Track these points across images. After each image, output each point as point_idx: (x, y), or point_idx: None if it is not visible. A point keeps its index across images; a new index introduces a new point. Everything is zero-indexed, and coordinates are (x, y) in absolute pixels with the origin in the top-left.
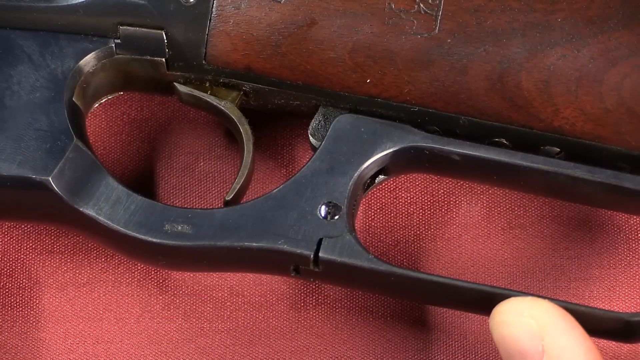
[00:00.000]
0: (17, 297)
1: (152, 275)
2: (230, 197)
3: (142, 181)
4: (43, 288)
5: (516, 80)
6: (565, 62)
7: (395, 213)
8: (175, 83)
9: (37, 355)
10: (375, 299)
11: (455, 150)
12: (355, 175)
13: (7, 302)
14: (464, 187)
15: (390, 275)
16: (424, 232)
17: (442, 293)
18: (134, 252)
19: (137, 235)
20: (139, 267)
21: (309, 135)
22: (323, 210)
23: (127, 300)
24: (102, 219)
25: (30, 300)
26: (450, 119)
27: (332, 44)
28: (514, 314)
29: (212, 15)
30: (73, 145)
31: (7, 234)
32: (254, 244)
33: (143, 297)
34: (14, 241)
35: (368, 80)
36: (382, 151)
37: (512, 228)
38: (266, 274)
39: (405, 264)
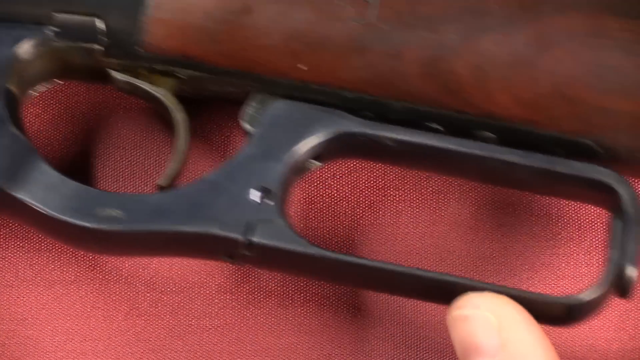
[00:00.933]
0: (4, 295)
1: (140, 273)
2: (164, 182)
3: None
4: (30, 286)
5: (450, 66)
6: (499, 48)
7: (383, 211)
8: (111, 70)
9: (25, 353)
10: (364, 297)
11: (389, 135)
12: (289, 160)
13: None
14: (453, 184)
15: (322, 260)
16: (412, 231)
17: (376, 278)
18: (68, 237)
19: (71, 220)
20: (127, 265)
21: (243, 121)
22: (256, 194)
23: (114, 298)
24: (36, 204)
25: (18, 298)
26: (384, 105)
27: (268, 31)
28: (471, 307)
29: (148, 2)
30: (7, 131)
31: None
32: (186, 229)
33: (131, 295)
34: (0, 240)
35: (303, 67)
36: (316, 137)
37: (500, 226)
38: (201, 259)
39: (396, 260)
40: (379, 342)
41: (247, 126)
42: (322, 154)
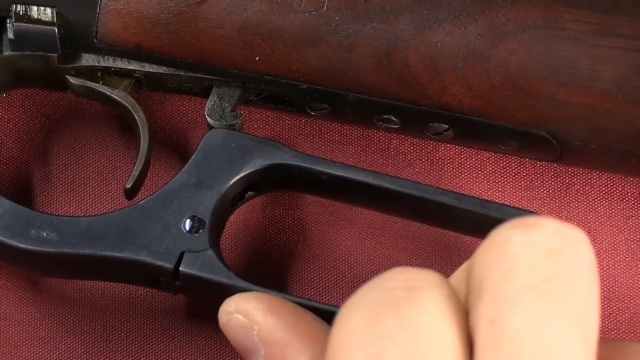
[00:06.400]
0: (18, 297)
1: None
2: (130, 185)
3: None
4: (42, 288)
5: (403, 57)
6: (452, 39)
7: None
8: (67, 76)
9: (38, 354)
10: None
11: (324, 170)
12: (222, 190)
13: None
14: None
15: None
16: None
17: None
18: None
19: (3, 239)
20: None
21: (206, 116)
22: (187, 224)
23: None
24: None
25: (31, 299)
26: (338, 96)
27: (221, 22)
28: (224, 314)
29: None
30: None
31: None
32: (116, 254)
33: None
34: None
35: (257, 58)
36: (251, 168)
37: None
38: (130, 284)
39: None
40: None
41: (210, 120)
42: (256, 185)
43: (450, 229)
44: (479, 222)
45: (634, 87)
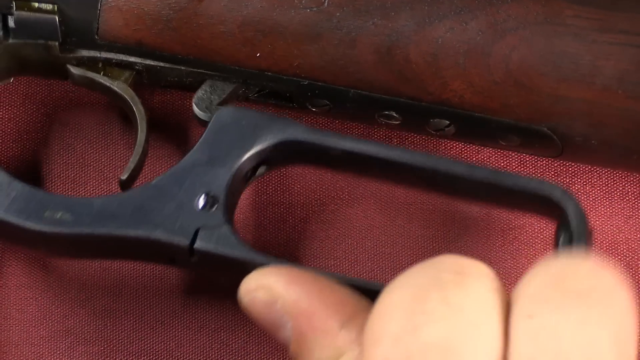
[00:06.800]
0: (16, 296)
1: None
2: (125, 176)
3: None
4: (43, 286)
5: (404, 53)
6: (453, 35)
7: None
8: (68, 65)
9: (38, 354)
10: None
11: (334, 144)
12: (235, 167)
13: None
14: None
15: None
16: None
17: None
18: (14, 238)
19: (17, 221)
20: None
21: (193, 104)
22: (201, 201)
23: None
24: None
25: (30, 299)
26: (340, 92)
27: (222, 19)
28: (245, 293)
29: None
30: None
31: None
32: (131, 233)
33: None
34: None
35: (258, 54)
36: (262, 144)
37: (510, 229)
38: (145, 262)
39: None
40: None
41: (198, 110)
42: (268, 160)
43: (463, 199)
44: (492, 191)
45: (635, 83)
